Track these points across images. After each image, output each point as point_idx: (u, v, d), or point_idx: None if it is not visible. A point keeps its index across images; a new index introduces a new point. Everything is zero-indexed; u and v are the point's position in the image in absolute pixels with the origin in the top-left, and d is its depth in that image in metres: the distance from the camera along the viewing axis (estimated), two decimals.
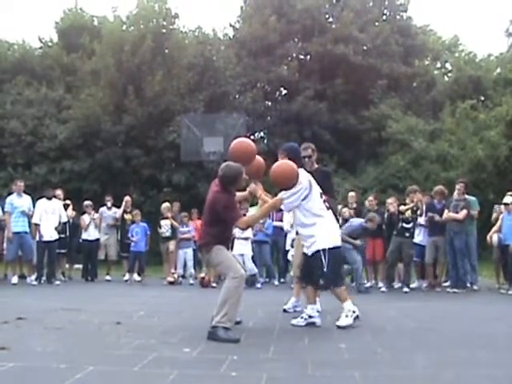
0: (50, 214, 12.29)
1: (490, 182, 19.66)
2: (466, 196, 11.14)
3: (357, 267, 10.74)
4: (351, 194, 13.46)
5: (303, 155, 7.58)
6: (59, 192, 13.42)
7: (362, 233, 10.96)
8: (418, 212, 11.34)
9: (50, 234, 12.20)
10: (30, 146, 22.48)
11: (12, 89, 24.54)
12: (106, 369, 3.80)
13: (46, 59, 27.14)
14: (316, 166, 7.74)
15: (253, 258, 12.23)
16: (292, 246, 12.17)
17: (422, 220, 11.65)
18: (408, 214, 11.18)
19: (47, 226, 12.20)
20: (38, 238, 12.16)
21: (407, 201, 11.56)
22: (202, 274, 12.33)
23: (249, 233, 12.25)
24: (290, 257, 11.97)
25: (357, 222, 11.07)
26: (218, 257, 5.37)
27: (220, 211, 5.34)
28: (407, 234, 11.10)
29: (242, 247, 11.99)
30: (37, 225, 12.19)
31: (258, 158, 6.28)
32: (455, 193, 11.25)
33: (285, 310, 7.25)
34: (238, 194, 6.05)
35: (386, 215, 11.84)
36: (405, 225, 11.16)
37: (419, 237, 11.76)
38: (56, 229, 12.48)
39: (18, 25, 54.12)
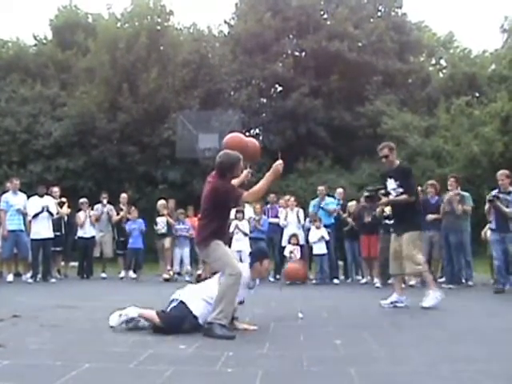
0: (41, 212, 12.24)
1: (485, 177, 19.69)
2: (460, 191, 11.14)
3: (498, 264, 10.07)
4: (339, 190, 13.58)
5: (380, 156, 7.55)
6: (56, 189, 13.40)
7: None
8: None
9: (43, 231, 12.16)
10: (25, 143, 22.49)
11: (6, 86, 24.53)
12: (101, 366, 3.79)
13: (41, 57, 27.14)
14: (397, 163, 7.66)
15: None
16: (289, 242, 12.21)
17: None
18: (388, 210, 11.21)
19: (39, 223, 12.16)
20: (32, 236, 12.13)
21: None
22: (199, 271, 12.35)
23: (246, 228, 12.29)
24: (286, 253, 11.98)
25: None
26: (215, 252, 5.33)
27: (222, 197, 5.29)
28: (392, 230, 11.12)
29: (240, 244, 12.02)
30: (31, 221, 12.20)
31: (252, 141, 6.23)
32: (449, 188, 11.26)
33: (384, 305, 7.32)
34: (234, 180, 5.93)
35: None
36: (388, 222, 11.19)
37: None
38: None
39: (12, 22, 54.03)
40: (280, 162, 5.39)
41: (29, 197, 12.42)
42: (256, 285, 5.71)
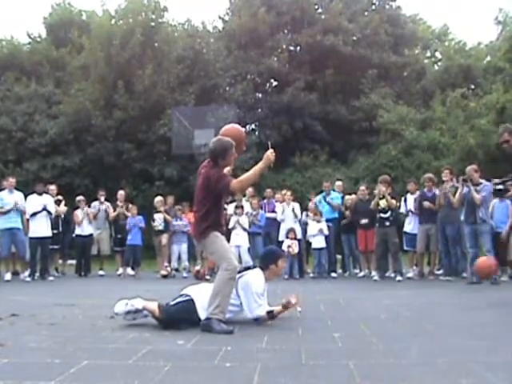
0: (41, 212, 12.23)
1: (482, 170, 19.71)
2: (454, 183, 11.15)
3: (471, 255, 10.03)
4: (338, 183, 13.68)
5: (500, 141, 7.51)
6: (53, 187, 13.40)
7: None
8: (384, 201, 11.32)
9: (41, 230, 12.15)
10: (21, 142, 22.47)
11: (1, 85, 24.54)
12: (100, 362, 3.79)
13: (35, 55, 27.09)
14: None
15: (248, 249, 12.27)
16: (287, 237, 12.22)
17: (411, 207, 11.71)
18: (383, 203, 11.26)
19: (38, 222, 12.15)
20: (30, 234, 12.13)
21: (375, 191, 11.68)
22: (198, 267, 12.36)
23: (246, 224, 12.30)
24: (284, 247, 11.99)
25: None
26: (214, 244, 5.29)
27: (213, 185, 5.22)
28: (387, 224, 11.20)
29: (239, 238, 12.03)
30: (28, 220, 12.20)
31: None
32: (444, 180, 11.28)
33: None
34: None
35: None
36: (382, 215, 11.25)
37: (410, 225, 11.81)
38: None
39: (6, 21, 53.87)
40: (271, 150, 5.29)
41: (27, 195, 12.42)
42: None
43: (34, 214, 12.13)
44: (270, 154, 5.28)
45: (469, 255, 10.22)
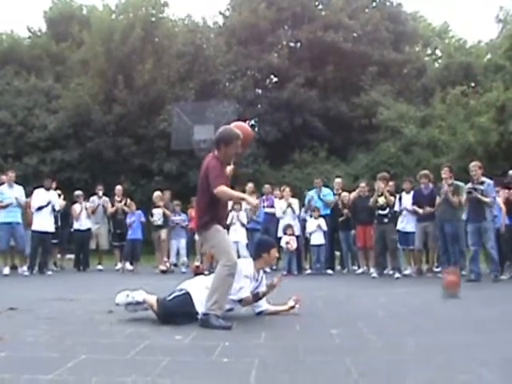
0: (46, 206, 12.25)
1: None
2: (453, 181, 11.13)
3: (473, 254, 10.15)
4: (337, 180, 13.64)
5: None
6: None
7: None
8: (381, 198, 11.32)
9: (44, 224, 12.16)
10: (20, 136, 22.48)
11: (1, 79, 24.54)
12: (98, 357, 3.79)
13: (35, 49, 27.10)
14: None
15: (247, 245, 12.27)
16: (285, 233, 12.22)
17: (408, 206, 11.70)
18: (382, 200, 11.25)
19: (42, 216, 12.16)
20: (33, 227, 12.13)
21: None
22: (197, 263, 12.35)
23: (244, 219, 12.30)
24: (282, 243, 11.99)
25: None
26: (215, 238, 5.25)
27: (208, 174, 5.16)
28: (386, 220, 11.20)
29: (237, 234, 12.02)
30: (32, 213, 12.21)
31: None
32: (443, 177, 11.24)
33: None
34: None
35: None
36: (381, 212, 11.25)
37: (402, 224, 11.81)
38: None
39: (6, 14, 53.79)
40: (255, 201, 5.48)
41: (33, 189, 12.49)
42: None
43: (40, 208, 12.14)
44: (253, 201, 5.42)
45: (469, 252, 10.23)
